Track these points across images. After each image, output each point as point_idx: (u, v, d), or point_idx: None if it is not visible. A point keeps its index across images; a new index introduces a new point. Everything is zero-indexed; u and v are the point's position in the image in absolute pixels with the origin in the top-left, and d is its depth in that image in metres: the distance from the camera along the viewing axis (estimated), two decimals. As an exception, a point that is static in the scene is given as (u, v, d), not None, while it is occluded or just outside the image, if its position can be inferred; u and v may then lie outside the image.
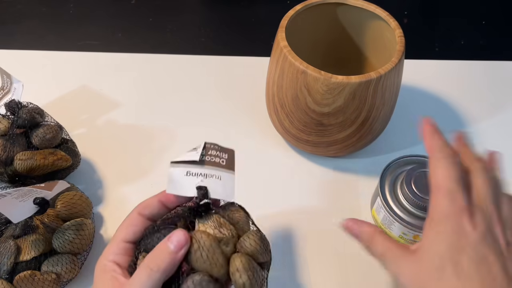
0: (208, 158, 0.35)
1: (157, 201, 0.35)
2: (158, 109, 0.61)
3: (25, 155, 0.47)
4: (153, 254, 0.31)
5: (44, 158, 0.47)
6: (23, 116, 0.48)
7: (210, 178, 0.34)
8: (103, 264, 0.33)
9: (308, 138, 0.50)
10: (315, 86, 0.44)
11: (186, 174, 0.34)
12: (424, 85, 0.64)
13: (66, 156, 0.50)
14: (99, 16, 0.76)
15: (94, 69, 0.66)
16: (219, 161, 0.35)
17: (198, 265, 0.31)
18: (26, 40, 0.71)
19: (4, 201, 0.36)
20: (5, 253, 0.41)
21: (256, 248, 0.32)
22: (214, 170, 0.34)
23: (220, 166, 0.35)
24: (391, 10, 0.50)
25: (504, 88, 0.64)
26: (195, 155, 0.35)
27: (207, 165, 0.34)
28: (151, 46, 0.71)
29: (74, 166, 0.52)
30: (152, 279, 0.30)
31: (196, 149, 0.35)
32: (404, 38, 0.47)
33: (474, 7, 0.78)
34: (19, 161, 0.46)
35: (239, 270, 0.31)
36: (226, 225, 0.33)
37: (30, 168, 0.47)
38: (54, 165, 0.48)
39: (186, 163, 0.34)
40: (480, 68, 0.67)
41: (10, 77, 0.50)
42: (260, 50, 0.66)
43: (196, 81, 0.65)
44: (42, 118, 0.50)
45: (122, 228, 0.34)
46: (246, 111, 0.61)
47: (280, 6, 0.77)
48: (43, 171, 0.48)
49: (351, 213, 0.51)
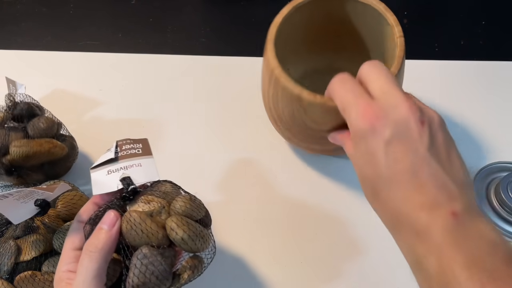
0: (123, 153, 0.38)
1: (92, 204, 0.37)
2: (158, 109, 0.61)
3: (21, 143, 0.48)
4: (90, 238, 0.33)
5: (39, 146, 0.48)
6: (21, 106, 0.49)
7: (130, 168, 0.37)
8: (58, 277, 0.34)
9: (314, 146, 0.49)
10: (311, 109, 0.42)
11: (107, 173, 0.37)
12: (424, 85, 0.64)
13: (62, 145, 0.50)
14: (99, 16, 0.76)
15: (94, 69, 0.66)
16: (135, 151, 0.38)
17: (137, 241, 0.33)
18: (26, 40, 0.71)
19: (5, 202, 0.36)
20: (6, 254, 0.41)
21: (187, 207, 0.35)
22: (132, 161, 0.37)
23: (137, 155, 0.38)
24: (391, 10, 0.50)
25: (504, 88, 0.64)
26: (110, 154, 0.38)
27: (123, 158, 0.38)
28: (151, 46, 0.71)
29: (72, 158, 0.52)
30: (93, 260, 0.32)
31: (109, 149, 0.38)
32: (403, 39, 0.44)
33: (474, 7, 0.78)
34: (15, 148, 0.47)
35: (173, 228, 0.33)
36: (155, 199, 0.35)
37: (26, 156, 0.47)
38: (50, 153, 0.49)
39: (104, 164, 0.37)
40: (480, 68, 0.67)
41: (15, 84, 0.51)
42: (260, 50, 0.65)
43: (196, 81, 0.65)
44: (41, 112, 0.51)
45: (68, 238, 0.36)
46: (246, 111, 0.61)
47: (280, 6, 0.77)
48: (39, 159, 0.48)
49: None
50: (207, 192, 0.53)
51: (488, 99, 0.63)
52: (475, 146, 0.57)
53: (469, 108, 0.62)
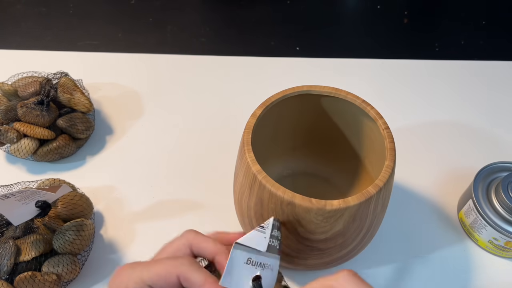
0: (270, 242, 0.31)
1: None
2: (158, 109, 0.61)
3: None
4: None
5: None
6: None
7: (267, 269, 0.30)
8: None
9: (302, 262, 0.41)
10: (307, 217, 0.35)
11: (246, 262, 0.29)
12: (424, 85, 0.65)
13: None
14: (99, 16, 0.76)
15: (94, 69, 0.66)
16: (276, 244, 0.31)
17: None
18: (26, 40, 0.71)
19: (6, 202, 0.36)
20: (5, 254, 0.41)
21: None
22: (270, 258, 0.31)
23: (275, 250, 0.31)
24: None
25: (504, 88, 0.64)
26: (262, 240, 0.30)
27: (268, 251, 0.30)
28: (151, 46, 0.71)
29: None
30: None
31: (264, 229, 0.31)
32: (390, 131, 0.40)
33: (474, 7, 0.78)
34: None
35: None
36: None
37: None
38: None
39: (249, 248, 0.30)
40: (480, 68, 0.67)
41: None
42: (260, 50, 0.66)
43: (196, 80, 0.65)
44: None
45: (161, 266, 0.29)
46: (246, 110, 0.61)
47: (280, 6, 0.77)
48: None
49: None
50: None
51: (488, 99, 0.63)
52: (475, 146, 0.57)
53: (469, 108, 0.62)
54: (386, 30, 0.74)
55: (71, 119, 0.54)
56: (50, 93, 0.53)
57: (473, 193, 0.47)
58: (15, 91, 0.55)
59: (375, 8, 0.78)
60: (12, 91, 0.55)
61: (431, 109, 0.61)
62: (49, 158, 0.53)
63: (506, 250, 0.46)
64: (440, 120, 0.60)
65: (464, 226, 0.49)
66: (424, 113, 0.61)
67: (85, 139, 0.56)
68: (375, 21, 0.76)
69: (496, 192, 0.46)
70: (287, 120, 0.47)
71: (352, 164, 0.49)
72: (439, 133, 0.59)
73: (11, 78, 0.57)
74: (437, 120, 0.60)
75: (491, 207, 0.46)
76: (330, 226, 0.36)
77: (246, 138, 0.39)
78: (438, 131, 0.59)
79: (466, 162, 0.56)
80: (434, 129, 0.59)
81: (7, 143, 0.52)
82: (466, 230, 0.49)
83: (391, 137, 0.40)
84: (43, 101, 0.52)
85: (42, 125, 0.52)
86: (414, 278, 0.46)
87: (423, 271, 0.46)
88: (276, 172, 0.51)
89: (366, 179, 0.48)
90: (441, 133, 0.59)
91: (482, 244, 0.47)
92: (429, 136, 0.58)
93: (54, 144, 0.52)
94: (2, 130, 0.51)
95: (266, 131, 0.45)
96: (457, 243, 0.48)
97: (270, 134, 0.47)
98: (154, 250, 0.32)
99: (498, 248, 0.46)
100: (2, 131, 0.51)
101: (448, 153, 0.56)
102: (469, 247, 0.48)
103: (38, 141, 0.52)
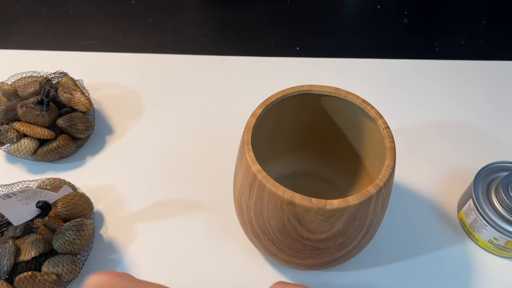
0: None
1: None
2: (158, 109, 0.61)
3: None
4: None
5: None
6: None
7: None
8: None
9: (302, 261, 0.42)
10: (307, 216, 0.36)
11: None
12: (424, 85, 0.65)
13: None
14: (99, 16, 0.76)
15: (94, 69, 0.66)
16: None
17: None
18: (26, 40, 0.71)
19: (8, 202, 0.36)
20: (5, 254, 0.41)
21: None
22: None
23: None
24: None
25: (504, 88, 0.65)
26: None
27: None
28: (151, 46, 0.71)
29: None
30: None
31: None
32: (390, 130, 0.40)
33: (474, 7, 0.78)
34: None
35: None
36: None
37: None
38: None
39: None
40: (480, 68, 0.67)
41: None
42: (260, 50, 0.66)
43: (196, 80, 0.65)
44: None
45: None
46: (246, 110, 0.61)
47: (280, 6, 0.77)
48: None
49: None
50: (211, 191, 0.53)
51: (488, 99, 0.63)
52: (475, 146, 0.57)
53: (469, 108, 0.62)
54: (386, 30, 0.74)
55: (71, 119, 0.54)
56: (50, 93, 0.53)
57: (473, 193, 0.47)
58: (15, 91, 0.55)
59: (375, 8, 0.78)
60: (12, 91, 0.55)
61: (431, 109, 0.61)
62: (49, 158, 0.53)
63: (506, 250, 0.46)
64: (440, 120, 0.60)
65: (464, 226, 0.49)
66: (424, 113, 0.61)
67: (85, 139, 0.56)
68: (375, 21, 0.76)
69: (496, 192, 0.46)
70: (287, 119, 0.47)
71: (352, 164, 0.49)
72: (439, 133, 0.59)
73: (11, 78, 0.57)
74: (437, 120, 0.60)
75: (491, 207, 0.46)
76: (330, 225, 0.36)
77: (246, 138, 0.39)
78: (438, 130, 0.59)
79: (466, 162, 0.56)
80: (434, 128, 0.59)
81: (7, 143, 0.52)
82: (466, 230, 0.49)
83: (391, 136, 0.40)
84: (43, 101, 0.52)
85: (42, 125, 0.52)
86: (414, 278, 0.46)
87: (423, 271, 0.46)
88: (276, 172, 0.51)
89: (366, 179, 0.48)
90: (441, 133, 0.59)
91: (482, 244, 0.47)
92: (429, 135, 0.58)
93: (54, 144, 0.52)
94: (2, 130, 0.51)
95: (266, 131, 0.46)
96: (457, 243, 0.48)
97: (270, 134, 0.47)
98: (154, 250, 0.32)
99: (498, 248, 0.46)
100: (2, 131, 0.51)
101: (448, 153, 0.56)
102: (469, 247, 0.48)
103: (38, 141, 0.52)
